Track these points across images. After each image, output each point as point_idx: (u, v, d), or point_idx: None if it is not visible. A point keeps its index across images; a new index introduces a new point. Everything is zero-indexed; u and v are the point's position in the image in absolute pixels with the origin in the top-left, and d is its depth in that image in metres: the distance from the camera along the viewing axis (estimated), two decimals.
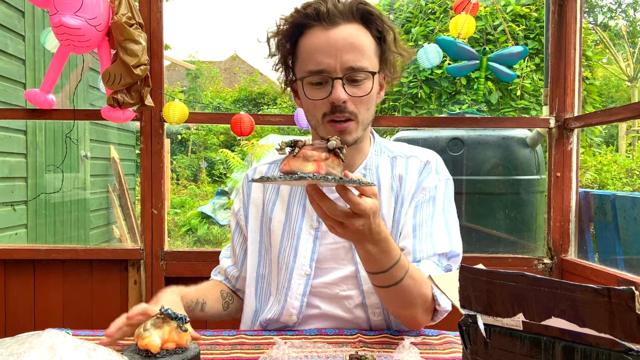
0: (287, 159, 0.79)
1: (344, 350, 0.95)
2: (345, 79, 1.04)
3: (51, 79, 1.70)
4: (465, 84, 5.26)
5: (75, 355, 0.68)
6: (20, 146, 3.90)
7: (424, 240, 1.10)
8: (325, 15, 1.04)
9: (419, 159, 1.17)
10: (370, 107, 1.09)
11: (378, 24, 1.08)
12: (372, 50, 1.07)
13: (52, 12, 1.49)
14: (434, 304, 1.05)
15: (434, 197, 1.13)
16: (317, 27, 1.05)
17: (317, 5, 1.04)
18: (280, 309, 1.12)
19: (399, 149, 1.20)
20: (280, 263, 1.15)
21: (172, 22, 30.61)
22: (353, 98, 1.04)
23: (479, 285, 0.63)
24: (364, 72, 1.05)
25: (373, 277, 0.97)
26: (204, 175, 10.33)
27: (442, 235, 1.11)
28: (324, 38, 1.04)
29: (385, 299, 1.03)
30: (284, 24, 1.10)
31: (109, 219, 5.51)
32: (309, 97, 1.07)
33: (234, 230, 1.27)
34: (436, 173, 1.16)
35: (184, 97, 12.03)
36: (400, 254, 0.95)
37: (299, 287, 1.12)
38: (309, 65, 1.06)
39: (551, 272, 1.92)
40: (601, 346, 0.55)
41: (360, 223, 0.84)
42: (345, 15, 1.05)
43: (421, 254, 1.09)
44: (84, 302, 1.92)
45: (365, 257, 0.93)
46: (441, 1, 5.34)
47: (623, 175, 6.35)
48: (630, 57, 11.52)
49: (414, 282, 0.98)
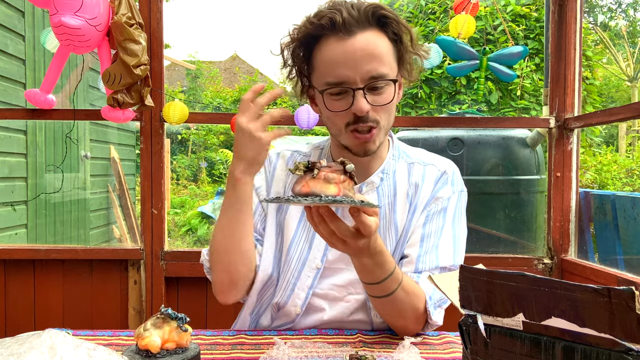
0: (306, 181, 0.80)
1: (344, 350, 0.95)
2: (367, 89, 1.02)
3: (51, 79, 1.70)
4: (465, 84, 5.26)
5: (75, 355, 0.68)
6: (20, 146, 3.90)
7: (429, 251, 1.10)
8: (341, 25, 1.00)
9: (437, 167, 1.17)
10: (391, 112, 1.08)
11: (394, 27, 1.05)
12: (390, 55, 1.05)
13: (52, 12, 1.49)
14: (425, 316, 1.06)
15: (445, 208, 1.13)
16: (332, 37, 1.02)
17: (332, 15, 1.00)
18: (286, 298, 1.12)
19: (417, 156, 1.19)
20: (293, 252, 1.13)
21: (172, 22, 30.63)
22: (375, 107, 1.03)
23: (479, 285, 0.63)
24: (384, 80, 1.03)
25: (367, 287, 1.00)
26: (204, 175, 10.33)
27: (448, 248, 1.11)
28: (341, 49, 1.01)
29: (378, 307, 1.05)
30: (297, 35, 1.07)
31: (109, 219, 5.51)
32: (330, 109, 1.05)
33: (256, 206, 1.18)
34: (451, 184, 1.15)
35: (184, 97, 12.03)
36: (394, 266, 0.96)
37: (307, 280, 1.12)
38: (328, 77, 1.03)
39: (551, 272, 1.92)
40: (601, 346, 0.55)
41: (362, 242, 0.86)
42: (362, 23, 1.01)
43: (424, 265, 1.09)
44: (84, 302, 1.92)
45: (360, 268, 0.95)
46: (441, 1, 5.34)
47: (623, 175, 6.35)
48: (630, 57, 11.52)
49: (406, 294, 1.00)
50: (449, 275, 0.85)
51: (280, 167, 1.21)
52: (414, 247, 1.10)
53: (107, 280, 1.92)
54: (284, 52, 1.11)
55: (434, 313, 1.05)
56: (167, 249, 1.90)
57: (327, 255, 1.12)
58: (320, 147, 1.23)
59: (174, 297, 1.95)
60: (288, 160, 1.21)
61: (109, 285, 1.92)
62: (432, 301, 1.05)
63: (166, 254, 1.89)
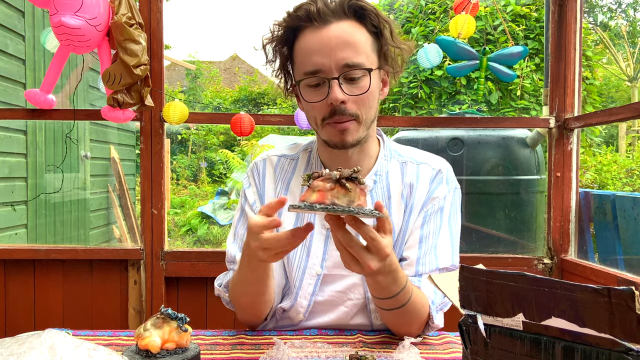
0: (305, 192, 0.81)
1: (344, 350, 0.95)
2: (342, 78, 1.02)
3: (51, 79, 1.70)
4: (465, 84, 5.26)
5: (75, 355, 0.68)
6: (20, 146, 3.90)
7: (429, 253, 1.10)
8: (315, 15, 1.02)
9: (431, 166, 1.16)
10: (372, 105, 1.07)
11: (373, 19, 1.05)
12: (368, 46, 1.05)
13: (52, 12, 1.49)
14: (428, 320, 1.06)
15: (442, 208, 1.13)
16: (309, 28, 1.04)
17: (307, 6, 1.03)
18: (290, 305, 1.13)
19: (409, 154, 1.19)
20: (292, 260, 1.13)
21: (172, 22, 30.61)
22: (353, 97, 1.03)
23: (479, 285, 0.63)
24: (360, 69, 1.03)
25: (379, 302, 0.98)
26: (204, 175, 10.33)
27: (446, 249, 1.11)
28: (317, 38, 1.03)
29: (386, 318, 1.05)
30: (277, 30, 1.09)
31: (109, 219, 5.51)
32: (307, 100, 1.06)
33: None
34: (446, 183, 1.15)
35: (184, 97, 12.03)
36: (406, 279, 0.96)
37: (309, 287, 1.12)
38: (305, 66, 1.04)
39: (551, 272, 1.92)
40: (601, 346, 0.55)
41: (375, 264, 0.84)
42: (337, 13, 1.03)
43: (424, 267, 1.09)
44: (84, 302, 1.92)
45: (375, 286, 0.95)
46: (441, 1, 5.34)
47: (623, 175, 6.35)
48: (630, 57, 11.52)
49: (415, 305, 1.00)
50: (449, 276, 0.86)
51: (269, 174, 1.20)
52: (413, 249, 1.10)
53: (107, 280, 1.92)
54: (266, 48, 1.12)
55: (436, 317, 1.06)
56: (167, 249, 1.90)
57: (326, 261, 1.12)
58: (309, 150, 1.22)
59: (174, 297, 1.95)
60: (276, 165, 1.20)
61: (109, 285, 1.92)
62: (434, 305, 1.05)
63: (166, 254, 1.89)
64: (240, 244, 1.16)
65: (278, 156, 1.22)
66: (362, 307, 1.12)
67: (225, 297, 1.15)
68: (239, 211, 1.22)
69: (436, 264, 1.09)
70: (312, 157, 1.19)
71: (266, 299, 1.08)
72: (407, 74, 5.34)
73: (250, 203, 1.19)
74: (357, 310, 1.12)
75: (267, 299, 1.09)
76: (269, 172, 1.20)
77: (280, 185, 1.18)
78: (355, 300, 1.12)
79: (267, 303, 1.10)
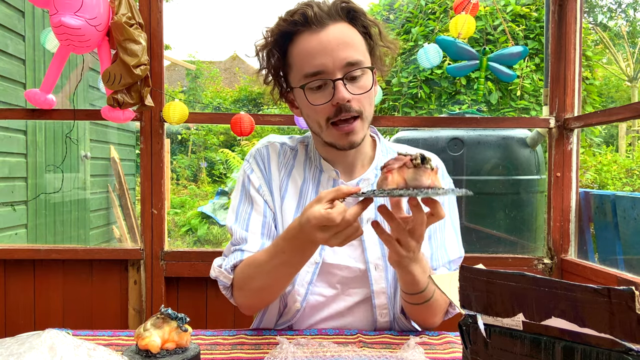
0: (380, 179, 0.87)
1: (349, 349, 0.95)
2: (345, 78, 1.04)
3: (51, 79, 1.70)
4: (465, 84, 5.26)
5: (75, 355, 0.68)
6: (20, 146, 3.90)
7: (439, 247, 1.14)
8: (313, 18, 1.04)
9: None
10: (371, 103, 1.10)
11: (363, 20, 1.09)
12: (362, 46, 1.08)
13: (52, 12, 1.49)
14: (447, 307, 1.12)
15: (442, 202, 1.15)
16: (305, 32, 1.05)
17: (304, 11, 1.04)
18: (287, 293, 1.12)
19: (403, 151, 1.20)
20: None
21: (172, 22, 30.60)
22: (356, 96, 1.04)
23: (479, 285, 0.63)
24: (361, 68, 1.05)
25: (410, 297, 1.02)
26: (204, 175, 10.32)
27: (453, 241, 1.15)
28: (316, 40, 1.04)
29: (414, 313, 1.09)
30: (271, 35, 1.10)
31: (109, 219, 5.51)
32: (312, 103, 1.06)
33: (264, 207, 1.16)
34: (442, 178, 1.17)
35: (184, 97, 12.03)
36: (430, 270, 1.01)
37: (306, 275, 1.11)
38: (306, 68, 1.05)
39: (551, 272, 1.92)
40: (601, 346, 0.55)
41: (413, 244, 0.90)
42: (332, 16, 1.05)
43: (437, 262, 1.13)
44: (84, 302, 1.92)
45: (411, 280, 0.98)
46: (441, 1, 5.34)
47: (623, 175, 6.35)
48: (630, 57, 11.51)
49: (437, 297, 1.05)
50: (449, 276, 0.85)
51: (274, 159, 1.19)
52: (425, 246, 1.13)
53: (107, 280, 1.92)
54: (259, 54, 1.12)
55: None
56: (167, 249, 1.90)
57: (325, 249, 1.12)
58: (305, 143, 1.22)
59: (174, 297, 1.95)
60: (279, 152, 1.20)
61: (109, 285, 1.92)
62: None
63: (166, 254, 1.89)
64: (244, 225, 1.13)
65: (280, 143, 1.22)
66: (364, 301, 1.12)
67: (228, 279, 1.10)
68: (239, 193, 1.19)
69: (447, 257, 1.13)
70: (310, 150, 1.20)
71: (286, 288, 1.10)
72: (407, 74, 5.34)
73: (256, 187, 1.17)
74: (358, 303, 1.12)
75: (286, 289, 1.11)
76: (273, 158, 1.20)
77: (283, 171, 1.18)
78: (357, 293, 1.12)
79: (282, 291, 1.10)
